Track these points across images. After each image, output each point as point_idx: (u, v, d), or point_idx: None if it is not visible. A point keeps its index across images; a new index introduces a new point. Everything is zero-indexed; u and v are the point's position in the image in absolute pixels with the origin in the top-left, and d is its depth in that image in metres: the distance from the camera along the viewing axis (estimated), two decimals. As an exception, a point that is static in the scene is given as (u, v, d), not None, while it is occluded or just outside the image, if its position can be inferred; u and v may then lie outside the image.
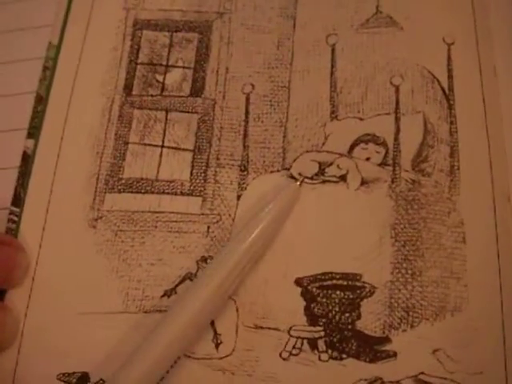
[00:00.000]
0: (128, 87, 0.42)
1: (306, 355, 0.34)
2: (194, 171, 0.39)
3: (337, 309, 0.35)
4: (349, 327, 0.35)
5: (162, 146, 0.40)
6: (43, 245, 0.38)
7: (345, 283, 0.35)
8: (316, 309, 0.35)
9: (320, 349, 0.34)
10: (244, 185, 0.39)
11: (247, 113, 0.40)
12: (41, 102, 0.41)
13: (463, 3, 0.41)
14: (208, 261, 0.37)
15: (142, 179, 0.39)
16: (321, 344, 0.34)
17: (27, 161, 0.40)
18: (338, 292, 0.35)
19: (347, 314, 0.35)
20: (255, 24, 0.43)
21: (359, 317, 0.35)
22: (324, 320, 0.35)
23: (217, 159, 0.39)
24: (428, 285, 0.35)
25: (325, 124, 0.39)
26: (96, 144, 0.40)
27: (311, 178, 0.38)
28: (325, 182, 0.38)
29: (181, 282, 0.36)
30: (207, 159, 0.39)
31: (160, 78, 0.42)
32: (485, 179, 0.37)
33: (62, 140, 0.40)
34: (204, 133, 0.40)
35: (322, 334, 0.34)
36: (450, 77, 0.39)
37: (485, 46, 0.40)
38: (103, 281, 0.37)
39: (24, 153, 0.40)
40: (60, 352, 0.35)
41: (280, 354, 0.34)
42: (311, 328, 0.35)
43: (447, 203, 0.37)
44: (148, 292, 0.36)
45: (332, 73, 0.41)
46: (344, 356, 0.34)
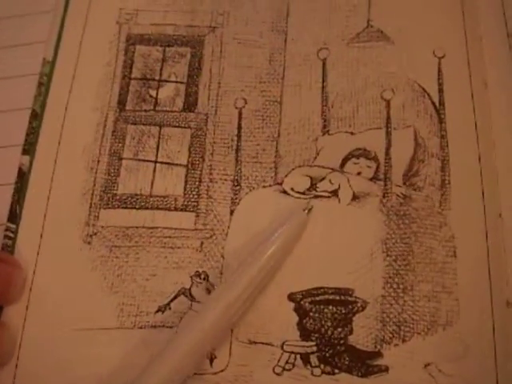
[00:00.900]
0: (122, 102, 0.42)
1: (299, 370, 0.34)
2: (188, 186, 0.40)
3: (329, 324, 0.35)
4: (341, 342, 0.35)
5: (156, 162, 0.40)
6: (39, 261, 0.38)
7: (337, 298, 0.36)
8: (308, 324, 0.35)
9: (313, 364, 0.34)
10: (237, 200, 0.39)
11: (240, 127, 0.40)
12: (36, 118, 0.41)
13: (453, 17, 0.41)
14: (202, 276, 0.37)
15: (137, 195, 0.40)
16: (313, 359, 0.35)
17: (23, 177, 0.40)
18: (331, 307, 0.35)
19: (339, 329, 0.35)
20: (247, 38, 0.43)
21: (351, 332, 0.35)
22: (316, 335, 0.35)
23: (210, 174, 0.40)
24: (419, 299, 0.35)
25: (316, 139, 0.40)
26: (90, 160, 0.40)
27: (303, 193, 0.38)
28: (317, 197, 0.38)
29: (175, 298, 0.37)
30: (200, 174, 0.40)
31: (153, 93, 0.42)
32: (476, 193, 0.37)
33: (57, 156, 0.40)
34: (197, 148, 0.40)
35: (315, 349, 0.35)
36: (441, 90, 0.39)
37: (475, 59, 0.40)
38: (98, 296, 0.37)
39: (19, 169, 0.40)
40: (57, 368, 0.36)
41: (273, 369, 0.34)
42: (304, 343, 0.35)
43: (438, 217, 0.37)
44: (143, 307, 0.37)
45: (323, 87, 0.41)
46: (336, 371, 0.34)
